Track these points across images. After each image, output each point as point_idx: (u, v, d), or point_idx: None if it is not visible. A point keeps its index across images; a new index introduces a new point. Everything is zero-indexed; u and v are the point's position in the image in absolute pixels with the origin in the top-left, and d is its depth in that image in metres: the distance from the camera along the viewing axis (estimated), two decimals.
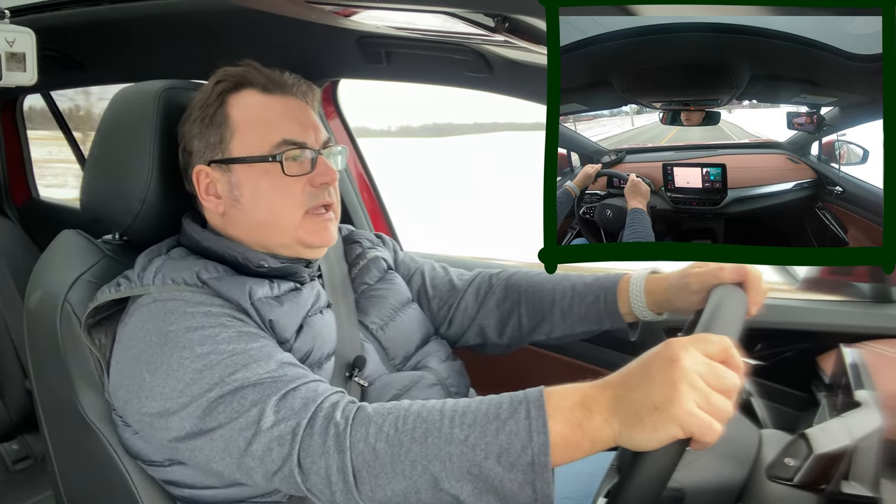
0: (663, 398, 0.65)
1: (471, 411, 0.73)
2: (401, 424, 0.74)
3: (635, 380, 0.68)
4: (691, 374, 0.66)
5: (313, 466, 0.77)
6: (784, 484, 0.75)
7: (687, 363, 0.66)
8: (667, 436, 0.65)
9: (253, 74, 1.01)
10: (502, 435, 0.70)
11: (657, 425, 0.65)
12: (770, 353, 1.33)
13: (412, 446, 0.73)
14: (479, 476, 0.71)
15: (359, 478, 0.74)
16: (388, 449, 0.74)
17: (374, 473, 0.74)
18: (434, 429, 0.73)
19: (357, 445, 0.75)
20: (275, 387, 0.82)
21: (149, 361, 0.87)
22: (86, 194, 1.08)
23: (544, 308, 1.17)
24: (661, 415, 0.65)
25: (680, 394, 0.65)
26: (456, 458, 0.71)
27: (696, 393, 0.65)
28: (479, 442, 0.71)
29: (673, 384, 0.65)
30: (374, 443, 0.74)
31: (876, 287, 1.30)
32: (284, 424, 0.79)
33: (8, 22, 1.07)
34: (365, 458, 0.74)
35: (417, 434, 0.73)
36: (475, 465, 0.71)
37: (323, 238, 1.01)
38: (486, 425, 0.71)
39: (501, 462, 0.70)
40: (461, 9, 0.99)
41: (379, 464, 0.74)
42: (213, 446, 0.83)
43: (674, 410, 0.65)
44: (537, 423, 0.69)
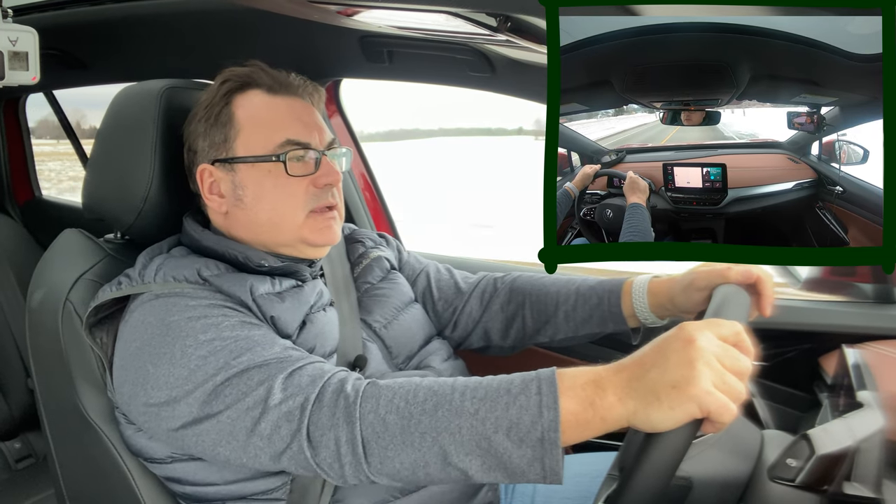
0: (680, 377, 0.65)
1: (482, 386, 0.73)
2: (411, 397, 0.74)
3: (651, 360, 0.68)
4: (707, 354, 0.66)
5: (322, 439, 0.76)
6: (786, 485, 0.75)
7: (702, 343, 0.67)
8: (684, 414, 0.65)
9: (259, 75, 1.01)
10: (513, 409, 0.70)
11: (675, 403, 0.65)
12: (772, 354, 1.33)
13: (422, 418, 0.73)
14: (489, 451, 0.71)
15: (368, 449, 0.74)
16: (398, 420, 0.74)
17: (383, 445, 0.74)
18: (445, 401, 0.73)
19: (367, 416, 0.75)
20: (281, 366, 0.82)
21: (152, 353, 0.87)
22: (88, 193, 1.08)
23: (548, 311, 1.17)
24: (680, 393, 0.65)
25: (697, 372, 0.65)
26: (465, 430, 0.71)
27: (712, 372, 0.66)
28: (489, 416, 0.71)
29: (690, 363, 0.66)
30: (385, 414, 0.74)
31: (878, 288, 1.30)
32: (293, 400, 0.79)
33: (11, 21, 1.08)
34: (375, 429, 0.74)
35: (428, 406, 0.73)
36: (484, 439, 0.71)
37: (326, 237, 1.01)
38: (496, 399, 0.71)
39: (511, 437, 0.70)
40: (463, 8, 0.99)
41: (389, 435, 0.74)
42: (219, 429, 0.83)
43: (692, 389, 0.65)
44: (548, 398, 0.69)
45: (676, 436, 0.66)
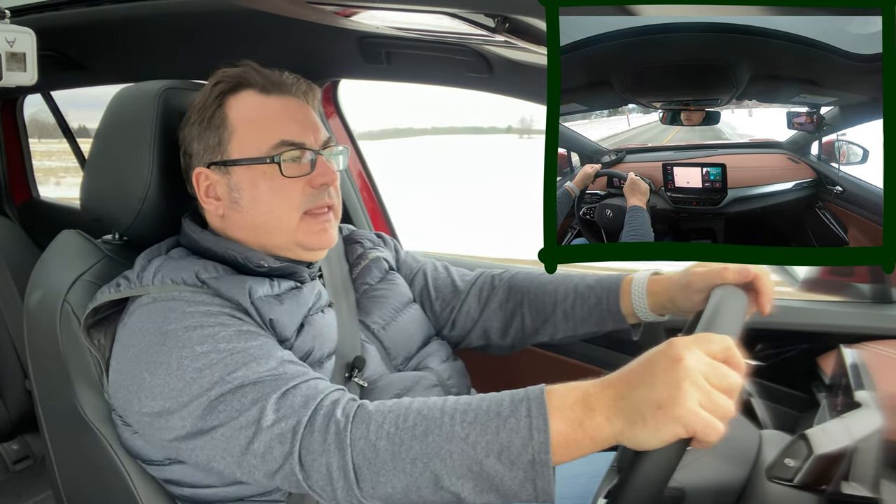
0: (667, 397, 0.65)
1: (472, 409, 0.73)
2: (401, 422, 0.74)
3: (638, 378, 0.68)
4: (695, 374, 0.66)
5: (314, 464, 0.77)
6: (784, 485, 0.75)
7: (690, 362, 0.66)
8: (670, 435, 0.65)
9: (251, 75, 1.01)
10: (503, 433, 0.70)
11: (660, 424, 0.65)
12: (770, 354, 1.33)
13: (413, 444, 0.73)
14: (480, 474, 0.71)
15: (360, 475, 0.74)
16: (388, 446, 0.74)
17: (374, 471, 0.74)
18: (435, 426, 0.73)
19: (358, 443, 0.75)
20: (275, 385, 0.82)
21: (148, 361, 0.87)
22: (86, 194, 1.08)
23: (547, 309, 1.17)
24: (665, 414, 0.65)
25: (683, 393, 0.65)
26: (457, 455, 0.71)
27: (699, 392, 0.65)
28: (479, 440, 0.71)
29: (676, 383, 0.65)
30: (375, 440, 0.74)
31: (876, 288, 1.30)
32: (285, 423, 0.79)
33: (8, 22, 1.07)
34: (366, 455, 0.74)
35: (418, 431, 0.73)
36: (476, 463, 0.71)
37: (322, 240, 1.00)
38: (486, 423, 0.71)
39: (502, 460, 0.70)
40: (461, 9, 0.99)
41: (380, 461, 0.74)
42: (213, 445, 0.83)
43: (677, 410, 0.65)
44: (538, 421, 0.69)
45: (663, 455, 0.66)
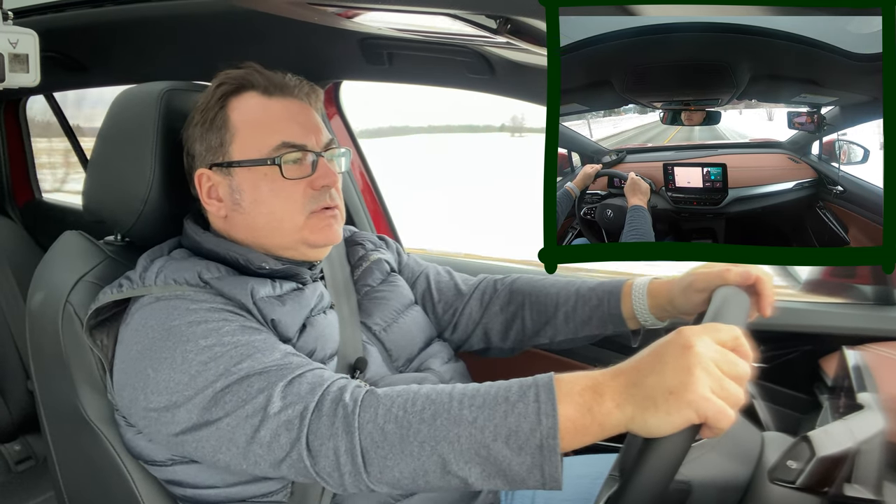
0: (678, 383, 0.65)
1: (480, 394, 0.73)
2: (409, 406, 0.74)
3: (648, 365, 0.68)
4: (705, 360, 0.66)
5: (322, 448, 0.76)
6: (786, 487, 0.75)
7: (700, 349, 0.66)
8: (682, 420, 0.65)
9: (254, 77, 1.01)
10: (511, 417, 0.70)
11: (672, 409, 0.65)
12: (772, 356, 1.33)
13: (420, 427, 0.73)
14: (488, 458, 0.71)
15: (367, 459, 0.74)
16: (396, 430, 0.73)
17: (382, 454, 0.74)
18: (443, 410, 0.73)
19: (366, 426, 0.75)
20: (280, 374, 0.82)
21: (153, 357, 0.87)
22: (88, 195, 1.08)
23: (548, 312, 1.17)
24: (677, 399, 0.65)
25: (695, 378, 0.65)
26: (464, 439, 0.71)
27: (710, 378, 0.66)
28: (487, 424, 0.71)
29: (688, 369, 0.66)
30: (383, 423, 0.74)
31: (878, 289, 1.30)
32: (292, 409, 0.79)
33: (11, 23, 1.07)
34: (374, 438, 0.74)
35: (426, 415, 0.73)
36: (483, 447, 0.70)
37: (327, 236, 1.00)
38: (494, 407, 0.71)
39: (510, 444, 0.70)
40: (463, 10, 0.99)
41: (387, 444, 0.74)
42: (219, 436, 0.83)
43: (689, 395, 0.65)
44: (546, 406, 0.69)
45: (674, 441, 0.66)
